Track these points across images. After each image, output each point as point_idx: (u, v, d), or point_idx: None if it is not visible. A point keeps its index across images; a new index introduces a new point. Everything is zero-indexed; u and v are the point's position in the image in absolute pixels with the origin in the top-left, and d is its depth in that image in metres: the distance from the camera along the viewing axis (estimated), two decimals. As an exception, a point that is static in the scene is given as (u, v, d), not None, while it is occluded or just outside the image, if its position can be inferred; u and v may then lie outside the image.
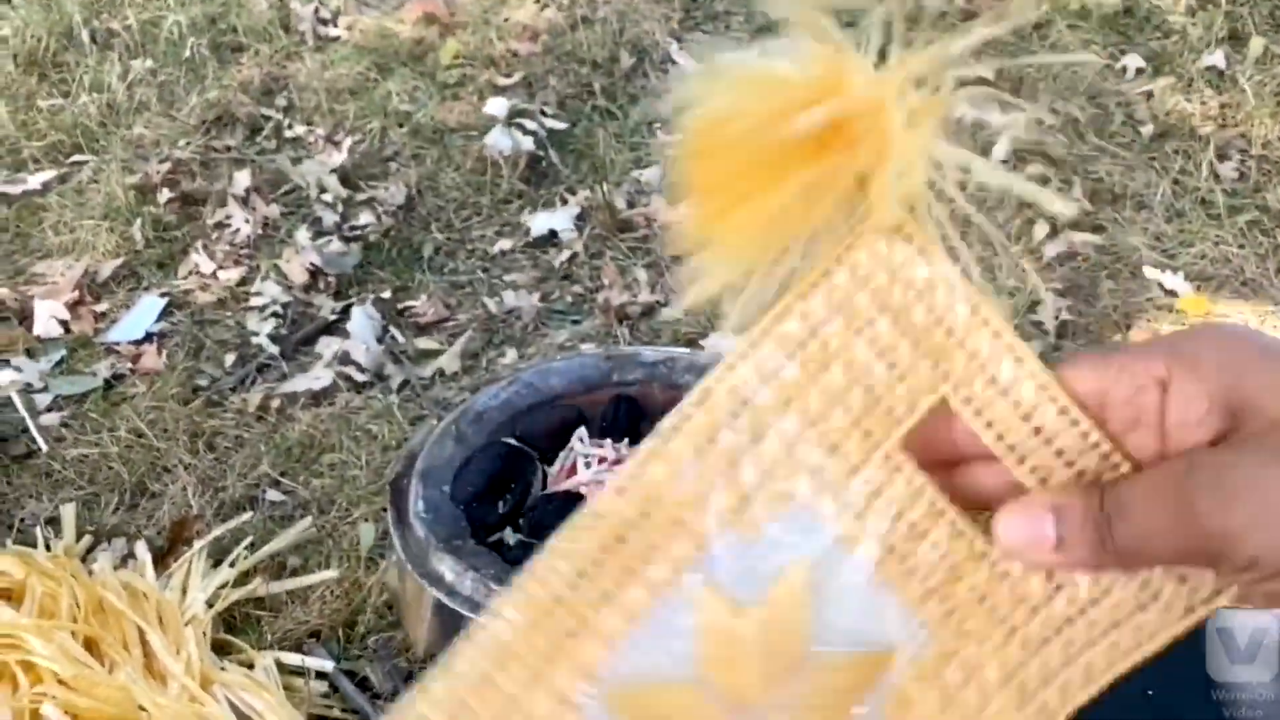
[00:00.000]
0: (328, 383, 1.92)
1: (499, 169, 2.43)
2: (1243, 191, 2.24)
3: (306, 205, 2.38)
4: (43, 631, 1.28)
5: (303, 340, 2.05)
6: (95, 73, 2.79)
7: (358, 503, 1.68)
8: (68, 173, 2.53)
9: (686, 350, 1.29)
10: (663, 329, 2.03)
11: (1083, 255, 2.11)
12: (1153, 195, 2.25)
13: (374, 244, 2.26)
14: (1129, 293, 2.02)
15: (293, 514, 1.68)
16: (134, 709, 1.21)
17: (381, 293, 2.15)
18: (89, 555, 1.59)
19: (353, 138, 2.54)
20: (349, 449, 1.79)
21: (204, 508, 1.69)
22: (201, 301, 2.16)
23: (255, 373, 1.98)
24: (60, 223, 2.36)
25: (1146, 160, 2.33)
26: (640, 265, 2.19)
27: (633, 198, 2.38)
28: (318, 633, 1.49)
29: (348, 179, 2.43)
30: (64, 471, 1.77)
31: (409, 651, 1.45)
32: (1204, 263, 2.07)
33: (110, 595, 1.39)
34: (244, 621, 1.50)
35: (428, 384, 1.94)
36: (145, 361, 2.00)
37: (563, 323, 2.08)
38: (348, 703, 1.39)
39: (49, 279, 2.21)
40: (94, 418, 1.88)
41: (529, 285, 2.18)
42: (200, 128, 2.61)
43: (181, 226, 2.34)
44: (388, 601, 1.51)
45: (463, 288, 2.19)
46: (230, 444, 1.82)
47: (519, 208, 2.38)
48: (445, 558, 1.04)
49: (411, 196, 2.39)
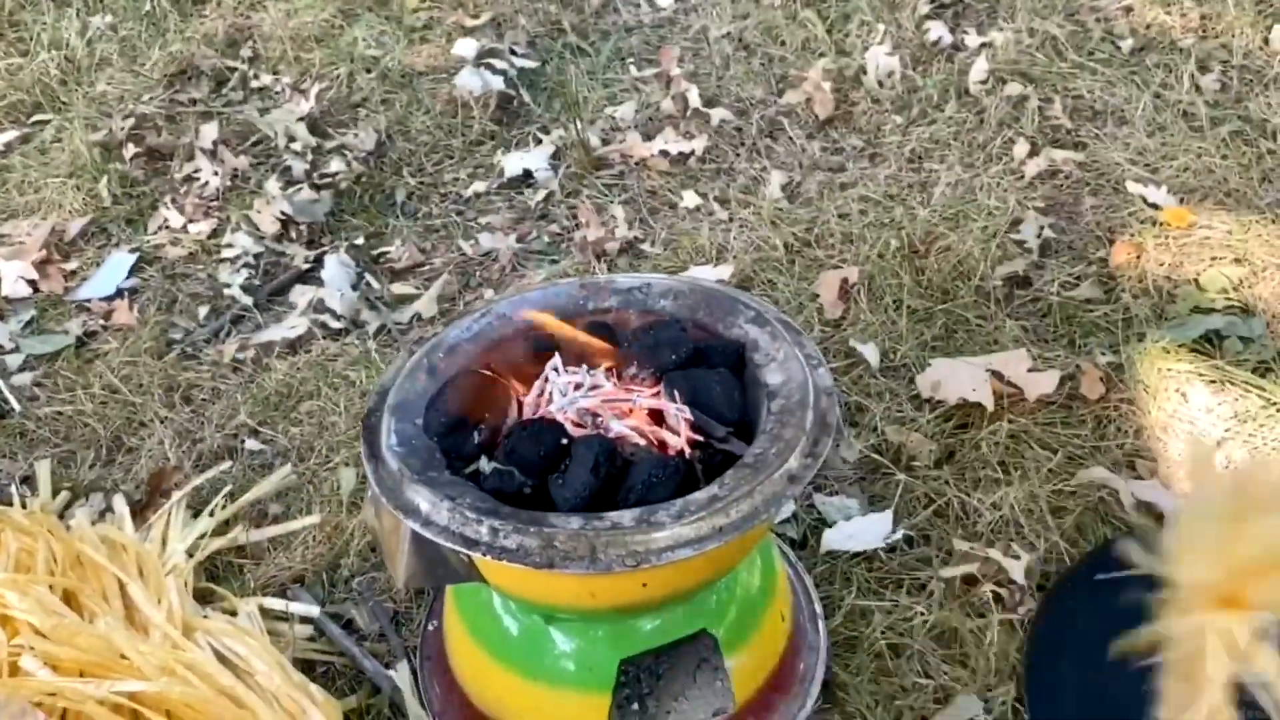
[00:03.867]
0: (303, 331, 1.90)
1: (470, 110, 2.38)
2: (1225, 102, 2.21)
3: (275, 155, 2.34)
4: (18, 585, 1.26)
5: (276, 290, 2.02)
6: (53, 30, 2.73)
7: (337, 448, 1.66)
8: (30, 132, 2.48)
9: (662, 276, 1.26)
10: (641, 266, 2.00)
11: (1065, 172, 2.08)
12: (1134, 110, 2.21)
13: (345, 191, 2.22)
14: (1111, 208, 1.99)
15: (272, 462, 1.66)
16: (115, 658, 1.20)
17: (355, 239, 2.11)
18: (66, 511, 1.57)
19: (320, 85, 2.49)
20: (327, 396, 1.76)
21: (182, 459, 1.67)
22: (172, 256, 2.12)
23: (229, 324, 1.95)
24: (25, 182, 2.32)
25: (1127, 75, 2.30)
26: (617, 202, 2.16)
27: (607, 135, 2.34)
28: (301, 578, 1.47)
29: (316, 127, 2.39)
30: (38, 430, 1.75)
31: (393, 591, 1.44)
32: (1186, 175, 2.04)
33: (88, 548, 1.37)
34: (226, 570, 1.48)
35: (405, 329, 1.91)
36: (117, 318, 1.97)
37: (541, 263, 2.05)
38: (334, 645, 1.37)
39: (15, 239, 2.17)
40: (67, 375, 1.85)
41: (505, 226, 2.14)
42: (164, 81, 2.56)
43: (149, 181, 2.29)
44: (370, 544, 1.49)
45: (437, 231, 2.16)
46: (207, 396, 1.80)
47: (492, 149, 2.34)
48: (420, 489, 1.02)
49: (382, 142, 2.35)
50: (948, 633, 1.34)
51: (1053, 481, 1.50)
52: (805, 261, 1.95)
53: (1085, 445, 1.56)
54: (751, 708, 1.22)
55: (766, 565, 1.25)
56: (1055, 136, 2.19)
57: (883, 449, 1.57)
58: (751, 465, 1.02)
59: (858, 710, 1.27)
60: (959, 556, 1.41)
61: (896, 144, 2.22)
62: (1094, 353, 1.70)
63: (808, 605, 1.36)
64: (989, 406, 1.58)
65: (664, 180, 2.20)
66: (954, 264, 1.86)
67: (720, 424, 1.10)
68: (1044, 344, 1.73)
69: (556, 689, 1.17)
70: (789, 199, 2.11)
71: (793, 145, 2.26)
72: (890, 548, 1.44)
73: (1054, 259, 1.90)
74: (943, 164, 2.15)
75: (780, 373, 1.13)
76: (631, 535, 0.95)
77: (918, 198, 2.06)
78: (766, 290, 1.89)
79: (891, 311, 1.80)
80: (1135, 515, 1.45)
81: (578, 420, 1.12)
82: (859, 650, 1.33)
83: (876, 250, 1.91)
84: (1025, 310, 1.80)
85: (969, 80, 2.32)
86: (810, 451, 1.03)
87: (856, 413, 1.64)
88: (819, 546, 1.45)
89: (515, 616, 1.19)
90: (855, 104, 2.34)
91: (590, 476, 1.02)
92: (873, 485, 1.53)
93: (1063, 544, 1.42)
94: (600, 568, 0.95)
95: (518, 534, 0.96)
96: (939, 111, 2.28)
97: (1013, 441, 1.55)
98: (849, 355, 1.73)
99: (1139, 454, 1.54)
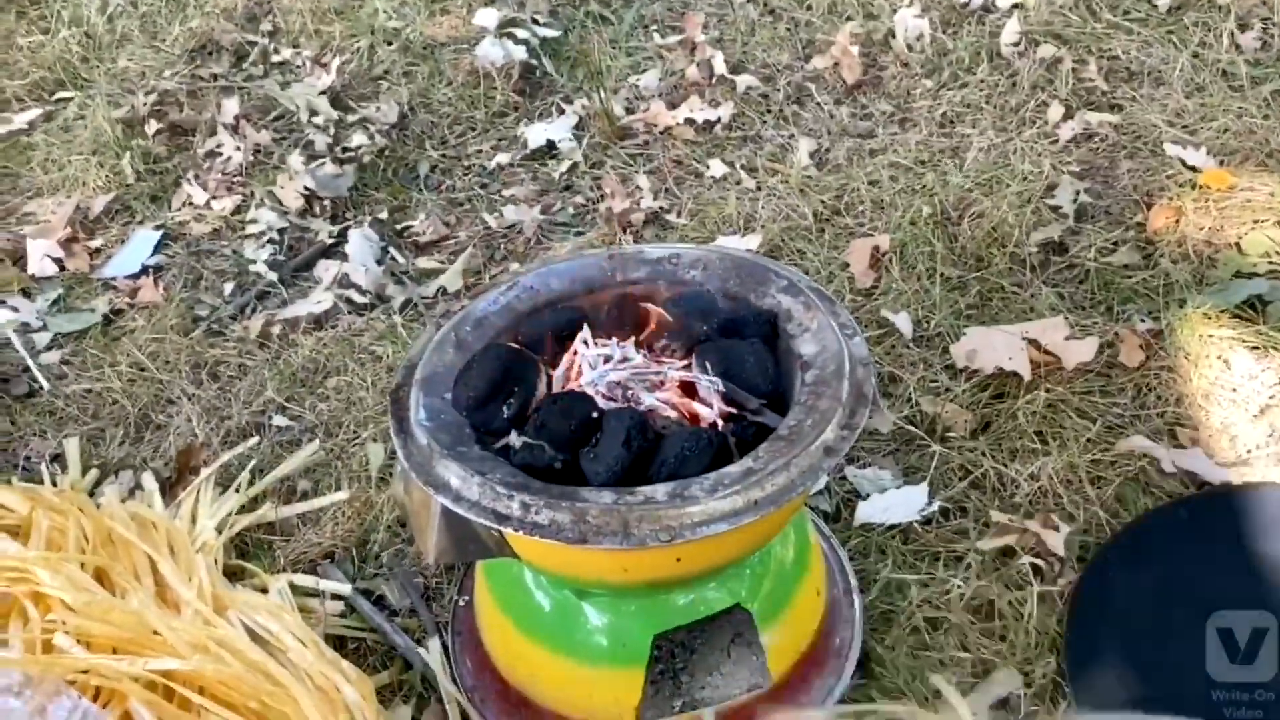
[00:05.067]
0: (329, 306, 1.88)
1: (492, 81, 2.36)
2: (1266, 61, 2.15)
3: (298, 129, 2.32)
4: (50, 563, 1.26)
5: (301, 265, 2.01)
6: (74, 6, 2.72)
7: (365, 424, 1.65)
8: (53, 110, 2.48)
9: (692, 246, 1.24)
10: (667, 237, 1.98)
11: (1100, 135, 2.04)
12: (1171, 70, 2.15)
13: (368, 165, 2.20)
14: (1149, 171, 1.94)
15: (300, 438, 1.65)
16: (148, 634, 1.19)
17: (379, 213, 2.09)
18: (96, 489, 1.57)
19: (341, 58, 2.47)
20: (354, 371, 1.75)
21: (210, 436, 1.66)
22: (197, 232, 2.11)
23: (255, 300, 1.94)
24: (49, 160, 2.31)
25: (1164, 34, 2.24)
26: (642, 172, 2.13)
27: (631, 104, 2.31)
28: (331, 554, 1.47)
29: (338, 100, 2.37)
30: (67, 408, 1.75)
31: (423, 566, 1.43)
32: (1226, 136, 1.98)
33: (118, 526, 1.37)
34: (256, 547, 1.48)
35: (430, 303, 1.90)
36: (143, 295, 1.97)
37: (565, 234, 2.03)
38: (365, 620, 1.37)
39: (41, 218, 2.16)
40: (94, 353, 1.85)
41: (529, 198, 2.12)
42: (184, 57, 2.55)
43: (172, 158, 2.28)
44: (399, 519, 1.49)
45: (461, 205, 2.13)
46: (233, 372, 1.79)
47: (515, 120, 2.31)
48: (450, 464, 1.00)
49: (404, 114, 2.33)
50: (985, 606, 1.32)
51: (1092, 451, 1.47)
52: (835, 230, 1.91)
53: (1125, 414, 1.52)
54: (787, 683, 1.20)
55: (801, 539, 1.23)
56: (1090, 99, 2.13)
57: (917, 420, 1.54)
58: (786, 438, 1.00)
59: (894, 685, 1.25)
60: (997, 528, 1.39)
61: (927, 108, 2.17)
62: (1133, 319, 1.66)
63: (842, 579, 1.34)
64: (1026, 375, 1.55)
65: (689, 149, 2.17)
66: (988, 230, 1.83)
67: (753, 396, 1.08)
68: (1081, 311, 1.69)
69: (589, 665, 1.16)
70: (817, 166, 2.08)
71: (821, 111, 2.22)
72: (926, 520, 1.42)
73: (1090, 224, 1.86)
74: (975, 128, 2.10)
75: (814, 343, 1.10)
76: (665, 510, 0.94)
77: (950, 163, 2.02)
78: (796, 259, 1.86)
79: (924, 280, 1.77)
80: (1177, 485, 1.41)
81: (608, 393, 1.10)
82: (895, 624, 1.31)
83: (908, 217, 1.88)
84: (1061, 277, 1.77)
85: (1000, 42, 2.27)
86: (847, 423, 1.01)
87: (890, 383, 1.61)
88: (852, 519, 1.42)
89: (547, 592, 1.17)
90: (884, 68, 2.29)
91: (622, 450, 1.01)
92: (907, 457, 1.50)
93: (1103, 514, 1.39)
94: (634, 543, 0.93)
95: (549, 509, 0.95)
96: (970, 75, 2.23)
97: (1050, 411, 1.52)
98: (881, 325, 1.70)
99: (1180, 422, 1.51)
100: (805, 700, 1.21)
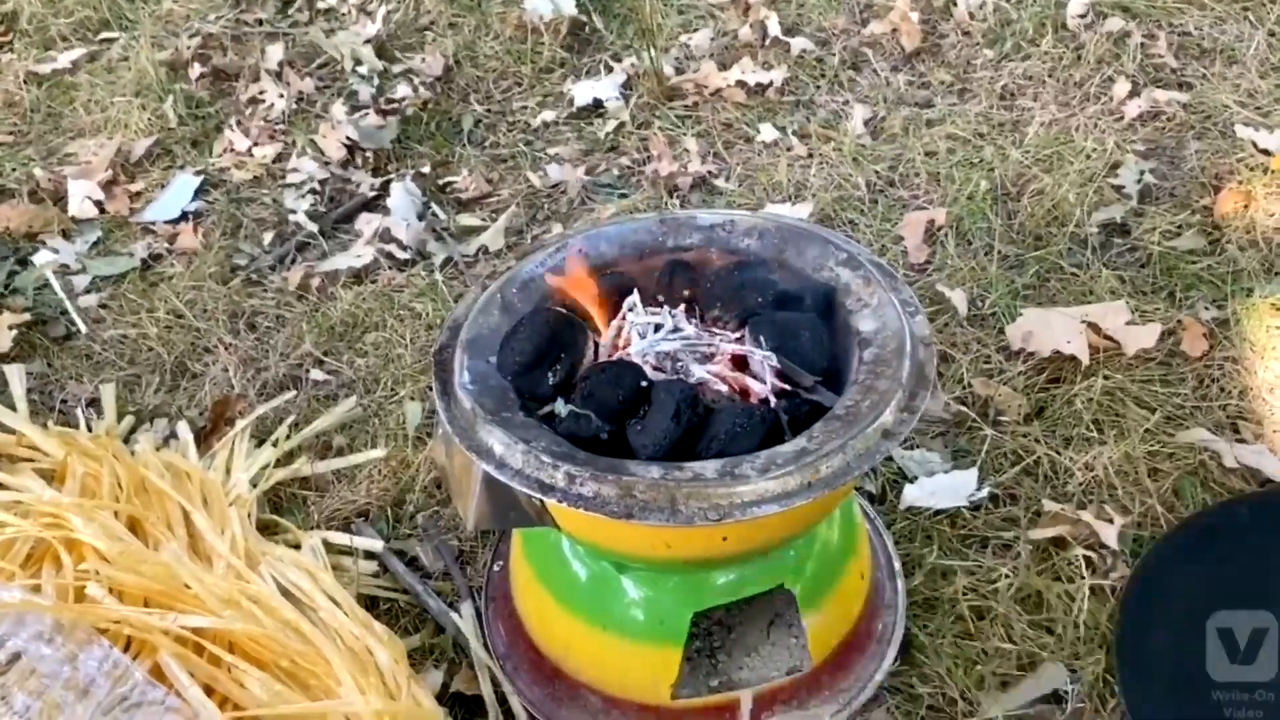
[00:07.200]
0: (369, 260, 1.85)
1: (540, 36, 2.30)
2: (1346, 42, 2.07)
3: (341, 78, 2.28)
4: (85, 511, 1.24)
5: (342, 217, 1.98)
6: (120, -55, 2.68)
7: (403, 381, 1.63)
8: (97, 50, 2.45)
9: (746, 213, 1.19)
10: (715, 202, 1.93)
11: (1168, 114, 1.96)
12: (1245, 49, 2.07)
13: (412, 117, 2.17)
14: (1218, 153, 1.87)
15: (337, 393, 1.63)
16: (180, 586, 1.18)
17: (421, 168, 2.06)
18: (130, 436, 1.56)
19: (387, 6, 2.42)
20: (393, 328, 1.72)
21: (246, 387, 1.65)
22: (237, 179, 2.09)
23: (294, 251, 1.92)
24: (91, 101, 2.29)
25: (1239, 10, 2.15)
26: (690, 135, 2.08)
27: (681, 64, 2.25)
28: (366, 512, 1.45)
29: (383, 50, 2.32)
30: (104, 353, 1.73)
31: (458, 529, 1.41)
32: (1302, 120, 1.91)
33: (152, 475, 1.35)
34: (290, 502, 1.46)
35: (471, 261, 1.87)
36: (182, 241, 1.95)
37: (610, 196, 1.99)
38: (397, 581, 1.35)
39: (82, 159, 2.15)
40: (132, 298, 1.83)
41: (574, 158, 2.08)
42: (230, 1, 2.51)
43: (214, 103, 2.25)
44: (436, 480, 1.46)
45: (505, 161, 2.09)
46: (271, 323, 1.77)
47: (561, 76, 2.26)
48: (494, 430, 0.97)
49: (449, 67, 2.28)
50: (1033, 597, 1.28)
51: (1150, 442, 1.42)
52: (889, 201, 1.86)
53: (1185, 405, 1.47)
54: (827, 667, 1.17)
55: (847, 521, 1.20)
56: (1158, 76, 2.06)
57: (969, 401, 1.50)
58: (843, 418, 0.96)
59: (936, 673, 1.22)
60: (1048, 518, 1.35)
61: (988, 80, 2.10)
62: (1196, 307, 1.60)
63: (886, 563, 1.30)
64: (1084, 360, 1.50)
65: (740, 112, 2.11)
66: (1048, 208, 1.77)
67: (808, 373, 1.04)
68: (1143, 296, 1.64)
69: (625, 639, 1.13)
70: (872, 135, 2.02)
71: (877, 78, 2.15)
72: (974, 506, 1.38)
73: (1154, 206, 1.79)
74: (1036, 102, 2.03)
75: (874, 319, 1.06)
76: (714, 488, 0.90)
77: (1009, 137, 1.96)
78: (847, 231, 1.81)
79: (981, 257, 1.71)
80: (1238, 481, 1.37)
81: (657, 364, 1.07)
82: (939, 611, 1.27)
83: (965, 192, 1.82)
84: (1123, 260, 1.71)
85: (1066, 14, 2.19)
86: (907, 405, 0.97)
87: (942, 363, 1.56)
88: (898, 502, 1.39)
89: (585, 563, 1.15)
90: (944, 36, 2.22)
91: (671, 424, 0.97)
92: (957, 440, 1.46)
93: (1159, 508, 1.35)
94: (681, 520, 0.90)
95: (595, 481, 0.91)
96: (1034, 46, 2.15)
97: (1108, 398, 1.47)
98: (935, 301, 1.65)
99: (1243, 416, 1.46)
100: (844, 684, 1.18)
